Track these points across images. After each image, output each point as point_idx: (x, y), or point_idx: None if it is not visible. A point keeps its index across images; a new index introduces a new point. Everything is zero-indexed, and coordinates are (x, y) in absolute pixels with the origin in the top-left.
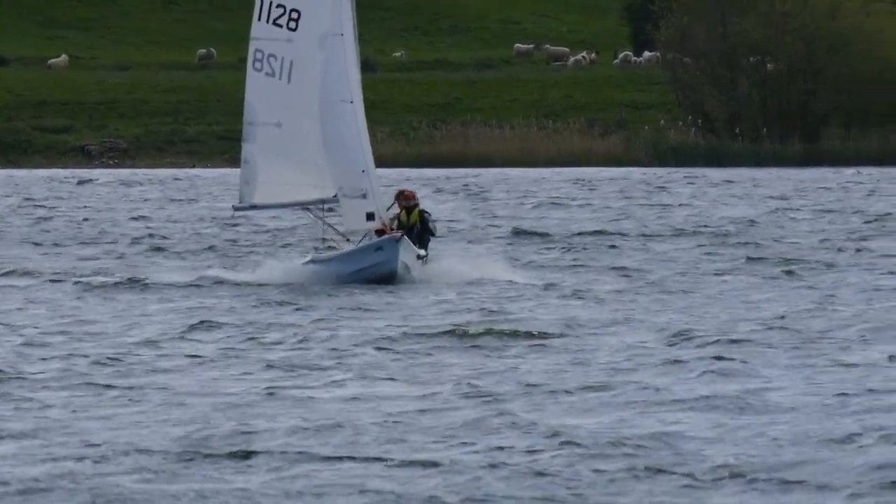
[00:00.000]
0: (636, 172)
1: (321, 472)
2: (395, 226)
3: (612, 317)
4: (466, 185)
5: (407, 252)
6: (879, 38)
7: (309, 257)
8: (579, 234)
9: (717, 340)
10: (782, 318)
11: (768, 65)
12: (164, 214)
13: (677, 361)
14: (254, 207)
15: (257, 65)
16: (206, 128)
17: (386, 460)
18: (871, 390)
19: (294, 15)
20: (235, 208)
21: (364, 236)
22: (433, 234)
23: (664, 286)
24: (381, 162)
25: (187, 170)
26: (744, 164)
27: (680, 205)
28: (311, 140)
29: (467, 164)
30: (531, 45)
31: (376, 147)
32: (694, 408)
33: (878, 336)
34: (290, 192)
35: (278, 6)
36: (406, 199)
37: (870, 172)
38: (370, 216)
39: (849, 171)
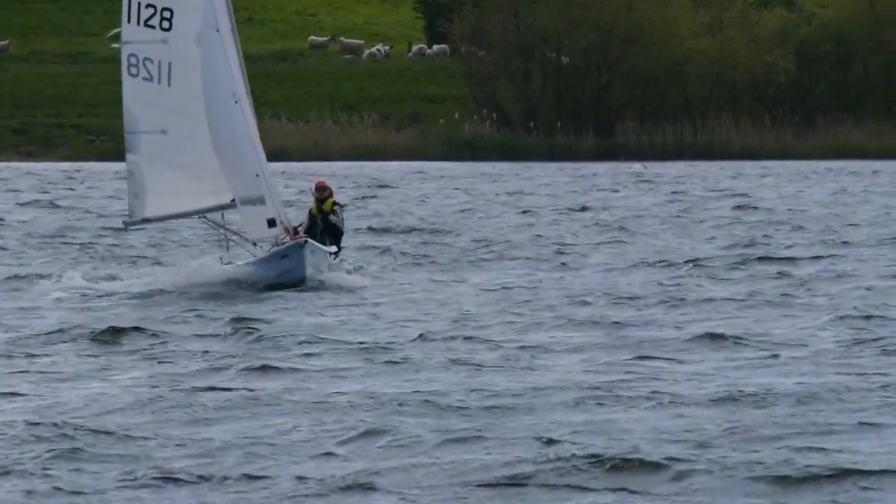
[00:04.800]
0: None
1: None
2: (307, 221)
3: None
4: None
5: (315, 255)
6: (675, 30)
7: (218, 265)
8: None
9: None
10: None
11: (563, 58)
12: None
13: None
14: (146, 221)
15: (132, 70)
16: None
17: None
18: None
19: (166, 14)
20: (126, 224)
21: (273, 243)
22: (337, 227)
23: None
24: None
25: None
26: (538, 157)
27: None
28: (201, 145)
29: None
30: (326, 38)
31: None
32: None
33: None
34: (185, 202)
35: (148, 6)
36: (318, 191)
37: (645, 166)
38: (271, 222)
39: (637, 165)
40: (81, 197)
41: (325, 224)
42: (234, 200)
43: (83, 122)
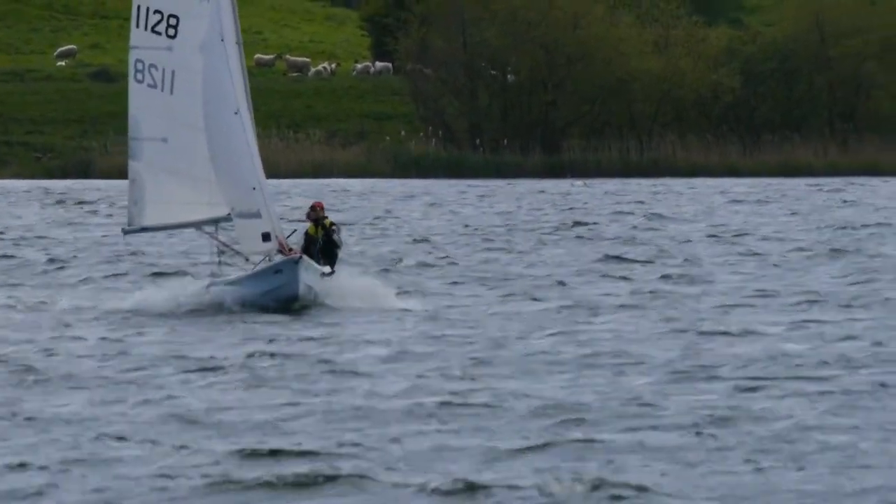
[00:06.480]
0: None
1: None
2: (302, 241)
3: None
4: None
5: (309, 272)
6: (621, 49)
7: (207, 282)
8: None
9: None
10: None
11: (509, 76)
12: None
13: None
14: (144, 230)
15: (139, 76)
16: None
17: None
18: None
19: (172, 21)
20: (125, 231)
21: (264, 258)
22: (338, 246)
23: None
24: (118, 176)
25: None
26: (485, 175)
27: None
28: (200, 155)
29: None
30: (272, 56)
31: (115, 161)
32: None
33: None
34: (182, 212)
35: (156, 12)
36: (313, 211)
37: (584, 183)
38: (266, 237)
39: (578, 183)
40: None
41: (325, 243)
42: (230, 214)
43: (30, 139)
